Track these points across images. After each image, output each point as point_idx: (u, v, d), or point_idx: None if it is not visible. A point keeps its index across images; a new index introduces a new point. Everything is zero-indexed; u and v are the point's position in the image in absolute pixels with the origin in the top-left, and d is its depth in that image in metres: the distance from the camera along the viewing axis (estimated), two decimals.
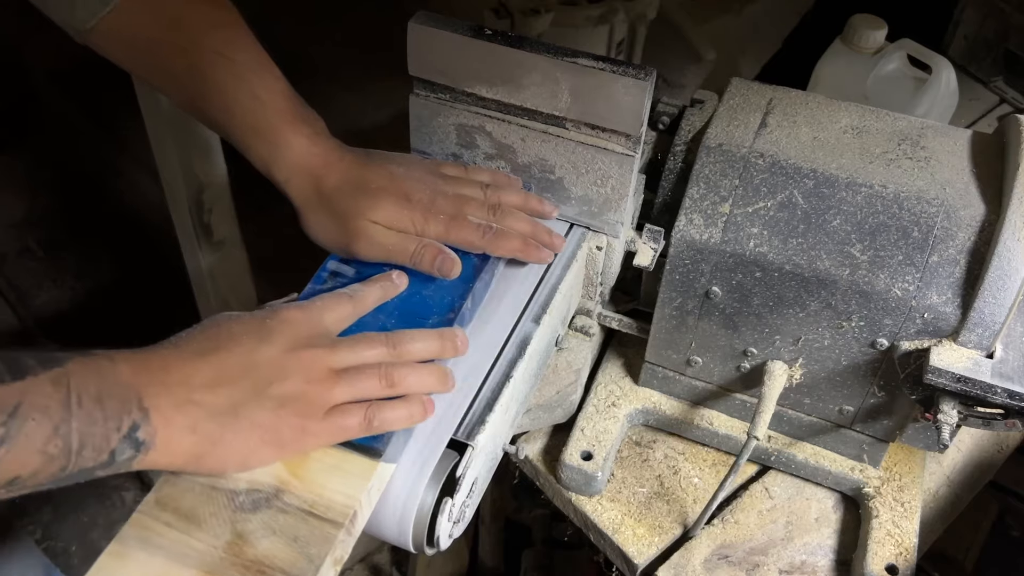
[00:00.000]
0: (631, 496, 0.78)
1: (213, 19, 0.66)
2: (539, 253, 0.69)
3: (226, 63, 0.65)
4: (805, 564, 0.74)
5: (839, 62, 1.05)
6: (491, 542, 1.34)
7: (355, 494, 0.54)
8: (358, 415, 0.56)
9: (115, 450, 0.48)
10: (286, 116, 0.66)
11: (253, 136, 0.65)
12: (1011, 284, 0.61)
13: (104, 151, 1.92)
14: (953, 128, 0.71)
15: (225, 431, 0.53)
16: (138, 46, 0.66)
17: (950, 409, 0.64)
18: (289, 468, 0.55)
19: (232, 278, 1.33)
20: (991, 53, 1.27)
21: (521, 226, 0.69)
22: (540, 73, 0.66)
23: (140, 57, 0.67)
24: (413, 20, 0.68)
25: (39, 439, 0.45)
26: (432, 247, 0.65)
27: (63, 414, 0.46)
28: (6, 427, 0.44)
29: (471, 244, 0.67)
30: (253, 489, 0.54)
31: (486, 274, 0.67)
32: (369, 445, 0.56)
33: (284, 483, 0.55)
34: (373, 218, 0.64)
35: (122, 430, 0.49)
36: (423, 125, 0.74)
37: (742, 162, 0.68)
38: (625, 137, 0.67)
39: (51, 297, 1.99)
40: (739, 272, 0.68)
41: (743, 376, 0.76)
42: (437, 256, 0.65)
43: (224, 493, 0.54)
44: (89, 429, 0.47)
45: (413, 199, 0.66)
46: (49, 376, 0.47)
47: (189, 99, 0.67)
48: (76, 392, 0.47)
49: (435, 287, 0.66)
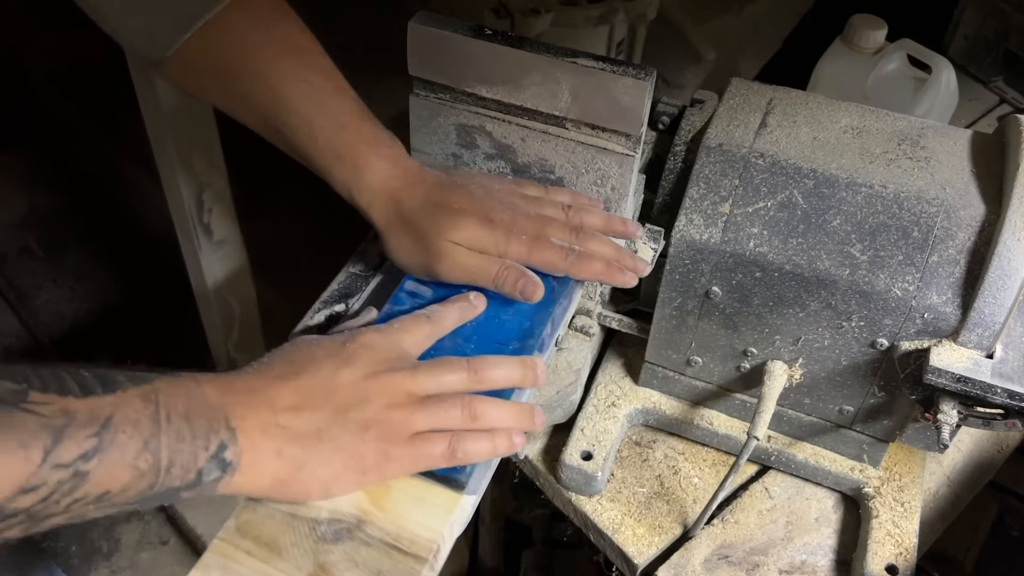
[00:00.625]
0: (631, 496, 0.78)
1: (292, 44, 0.66)
2: (623, 276, 0.68)
3: (307, 87, 0.65)
4: (805, 564, 0.74)
5: (839, 62, 1.05)
6: (491, 542, 1.34)
7: (438, 527, 0.54)
8: (441, 444, 0.55)
9: (202, 470, 0.48)
10: (368, 139, 0.65)
11: (335, 160, 0.65)
12: (1011, 284, 0.61)
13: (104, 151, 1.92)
14: (953, 128, 0.71)
15: (310, 455, 0.52)
16: (217, 73, 0.66)
17: (950, 409, 0.64)
18: (371, 498, 0.54)
19: (232, 278, 1.33)
20: (991, 53, 1.27)
21: (604, 249, 0.68)
22: (540, 73, 0.66)
23: (219, 85, 0.67)
24: (413, 20, 0.68)
25: (130, 452, 0.45)
26: (515, 269, 0.64)
27: (152, 429, 0.46)
28: (99, 438, 0.44)
29: (553, 266, 0.66)
30: (335, 519, 0.53)
31: (564, 299, 0.66)
32: (452, 477, 0.56)
33: (366, 513, 0.54)
34: (455, 239, 0.64)
35: (210, 449, 0.48)
36: (423, 125, 0.74)
37: (742, 162, 0.68)
38: (625, 137, 0.67)
39: (51, 297, 1.99)
40: (739, 272, 0.68)
41: (743, 376, 0.76)
42: (520, 279, 0.64)
43: (305, 522, 0.53)
44: (178, 446, 0.47)
45: (495, 220, 0.65)
46: (139, 391, 0.47)
47: (270, 126, 0.66)
48: (165, 408, 0.47)
49: (513, 311, 0.65)
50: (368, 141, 0.65)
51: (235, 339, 1.42)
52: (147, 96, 1.07)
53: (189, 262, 1.31)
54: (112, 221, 2.07)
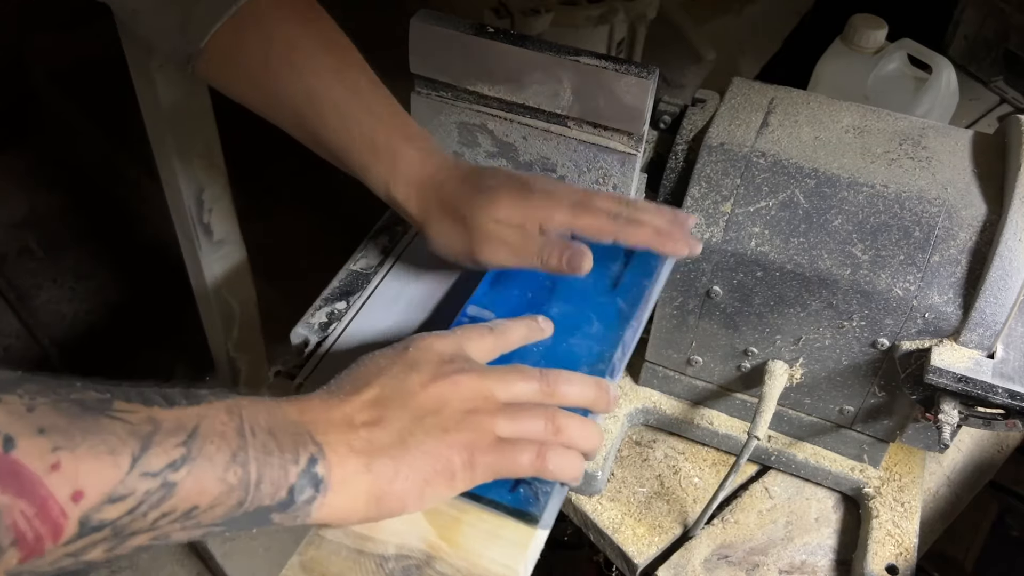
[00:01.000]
0: (631, 496, 0.78)
1: (325, 39, 0.66)
2: (675, 245, 0.64)
3: (342, 82, 0.64)
4: (805, 564, 0.74)
5: (839, 62, 1.05)
6: None
7: (513, 564, 0.51)
8: (530, 452, 0.53)
9: (294, 487, 0.46)
10: (403, 132, 0.65)
11: (371, 154, 0.64)
12: (1012, 284, 0.61)
13: (104, 151, 1.92)
14: (954, 128, 0.71)
15: (400, 465, 0.50)
16: (250, 69, 0.65)
17: (951, 409, 0.64)
18: (439, 532, 0.52)
19: (232, 278, 1.33)
20: (991, 53, 1.27)
21: (656, 219, 0.64)
22: (542, 71, 0.66)
23: (252, 81, 0.66)
24: (415, 18, 0.68)
25: (219, 464, 0.43)
26: (558, 243, 0.62)
27: (239, 441, 0.45)
28: (187, 447, 0.42)
29: (600, 230, 0.63)
30: (403, 555, 0.51)
31: (635, 320, 0.63)
32: (526, 510, 0.53)
33: (435, 548, 0.51)
34: (495, 216, 0.62)
35: (300, 463, 0.47)
36: (425, 123, 0.74)
37: (743, 161, 0.68)
38: (627, 135, 0.67)
39: (51, 297, 1.99)
40: (740, 271, 0.68)
41: (743, 376, 0.76)
42: (565, 251, 0.61)
43: (372, 558, 0.51)
44: (266, 459, 0.45)
45: (534, 188, 0.63)
46: (223, 404, 0.46)
47: (304, 123, 0.66)
48: (249, 422, 0.46)
49: (582, 335, 0.61)
50: (404, 134, 0.65)
51: (235, 339, 1.41)
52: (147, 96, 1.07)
53: (189, 262, 1.31)
54: (112, 221, 2.07)
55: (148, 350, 1.86)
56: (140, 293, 1.97)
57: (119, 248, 2.04)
